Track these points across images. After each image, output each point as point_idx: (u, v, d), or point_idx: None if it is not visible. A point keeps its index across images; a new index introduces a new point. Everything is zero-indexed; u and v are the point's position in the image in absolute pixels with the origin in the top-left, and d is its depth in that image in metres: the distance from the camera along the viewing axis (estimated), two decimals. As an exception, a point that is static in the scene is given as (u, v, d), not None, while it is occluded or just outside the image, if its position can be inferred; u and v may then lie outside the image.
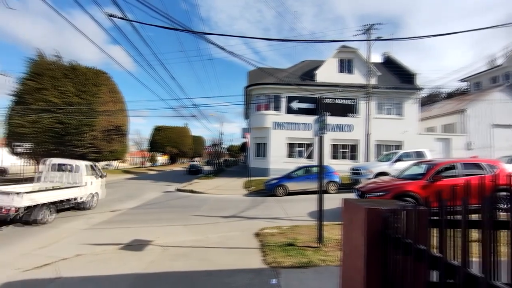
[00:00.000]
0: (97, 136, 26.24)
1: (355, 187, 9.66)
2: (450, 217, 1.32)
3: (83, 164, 12.42)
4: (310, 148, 22.94)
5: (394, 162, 14.29)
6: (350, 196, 12.80)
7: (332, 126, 21.49)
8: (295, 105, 6.10)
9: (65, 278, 4.89)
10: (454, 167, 8.30)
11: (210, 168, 36.57)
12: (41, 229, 8.75)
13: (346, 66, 23.68)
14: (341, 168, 18.28)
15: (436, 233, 1.40)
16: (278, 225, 8.16)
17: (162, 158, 74.14)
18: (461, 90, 36.36)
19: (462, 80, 31.92)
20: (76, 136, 24.80)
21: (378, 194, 8.34)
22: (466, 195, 1.24)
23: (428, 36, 17.23)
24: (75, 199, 11.23)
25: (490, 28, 9.50)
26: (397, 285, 1.58)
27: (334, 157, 22.75)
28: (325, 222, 6.08)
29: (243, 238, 6.99)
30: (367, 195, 8.54)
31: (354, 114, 6.31)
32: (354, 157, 22.88)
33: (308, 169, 15.59)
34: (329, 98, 6.34)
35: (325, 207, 6.01)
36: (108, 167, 45.38)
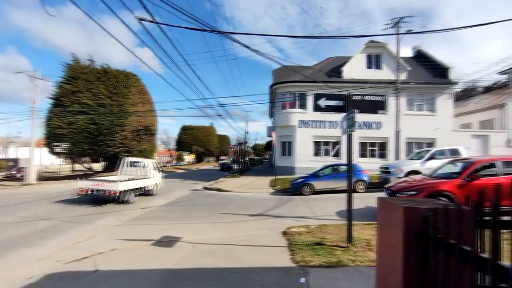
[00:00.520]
0: (127, 136, 27.29)
1: (385, 186, 9.35)
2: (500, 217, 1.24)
3: (150, 161, 16.18)
4: (337, 146, 22.53)
5: (427, 160, 13.69)
6: (380, 195, 12.45)
7: (359, 123, 20.97)
8: (323, 102, 6.00)
9: (102, 271, 5.13)
10: (493, 166, 7.81)
11: (236, 166, 37.00)
12: (78, 225, 9.23)
13: (374, 61, 22.99)
14: (369, 166, 17.82)
15: (481, 233, 1.32)
16: (305, 224, 8.09)
17: (188, 157, 75.84)
18: (500, 83, 34.11)
19: (502, 72, 29.90)
20: (108, 136, 25.94)
21: (410, 193, 8.03)
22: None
23: (462, 27, 16.22)
24: (146, 187, 14.78)
25: (534, 16, 8.84)
26: (439, 286, 1.50)
27: (362, 155, 22.20)
28: (354, 222, 5.95)
29: (270, 236, 6.99)
30: (398, 195, 8.25)
31: (384, 111, 6.10)
32: (383, 155, 22.20)
33: (335, 167, 15.32)
34: (358, 95, 6.18)
35: (353, 207, 5.88)
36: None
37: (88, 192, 12.62)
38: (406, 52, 26.71)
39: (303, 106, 22.91)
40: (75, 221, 9.65)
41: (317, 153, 23.07)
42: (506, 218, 1.22)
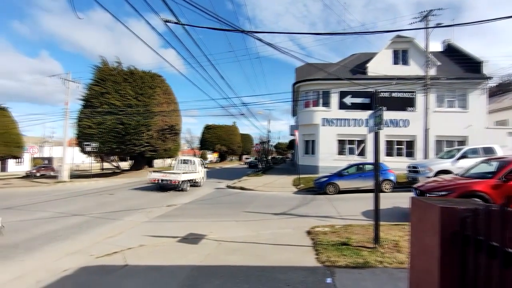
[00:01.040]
0: (153, 135, 28.07)
1: (414, 186, 9.03)
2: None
3: (197, 159, 20.52)
4: (362, 145, 22.02)
5: (458, 159, 13.07)
6: (407, 195, 12.05)
7: (386, 121, 20.38)
8: (349, 100, 5.88)
9: (131, 265, 5.31)
10: (532, 165, 7.33)
11: (259, 165, 37.17)
12: (109, 221, 9.61)
13: (401, 57, 22.23)
14: (396, 165, 17.28)
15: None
16: (330, 223, 7.97)
17: (211, 156, 76.85)
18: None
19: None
20: (134, 135, 26.81)
21: (440, 193, 7.69)
22: None
23: (497, 19, 15.27)
24: (195, 180, 18.82)
25: None
26: (479, 291, 1.43)
27: (389, 154, 21.57)
28: (381, 222, 5.79)
29: (295, 235, 6.95)
30: (427, 194, 7.94)
31: (413, 108, 5.90)
32: (410, 154, 21.46)
33: (360, 166, 14.98)
34: (385, 92, 6.01)
35: (380, 207, 5.71)
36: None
37: (157, 181, 16.67)
38: (435, 46, 25.63)
39: (327, 104, 22.56)
40: (106, 217, 10.07)
41: (341, 152, 22.65)
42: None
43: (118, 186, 19.83)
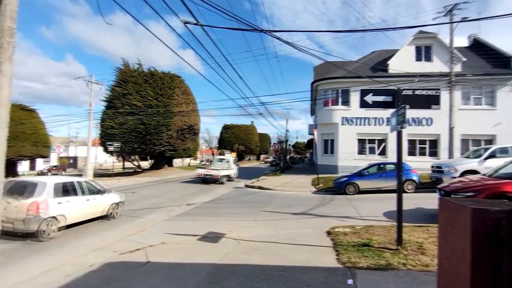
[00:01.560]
0: (172, 135, 28.56)
1: (438, 187, 8.71)
2: None
3: (232, 158, 24.95)
4: (383, 144, 21.51)
5: (485, 159, 12.49)
6: (431, 196, 11.66)
7: (408, 120, 19.80)
8: (370, 98, 5.76)
9: (153, 262, 5.43)
10: None
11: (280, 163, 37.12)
12: (131, 218, 9.88)
13: (424, 53, 21.51)
14: (419, 165, 16.77)
15: None
16: (351, 224, 7.84)
17: (230, 155, 77.23)
18: None
19: None
20: (155, 135, 27.38)
21: (467, 194, 7.37)
22: None
23: (529, 11, 14.56)
24: (229, 175, 22.12)
25: None
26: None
27: (411, 153, 20.95)
28: (403, 224, 5.63)
29: (314, 236, 6.88)
30: (453, 195, 7.65)
31: (438, 106, 5.68)
32: (434, 153, 20.76)
33: (381, 166, 14.64)
34: (407, 90, 5.84)
35: (402, 207, 5.56)
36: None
37: (202, 175, 20.80)
38: (461, 41, 24.62)
39: (346, 102, 22.17)
40: (128, 215, 10.34)
41: (361, 151, 22.22)
42: None
43: (140, 185, 20.33)
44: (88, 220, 8.85)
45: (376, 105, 5.79)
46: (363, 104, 5.85)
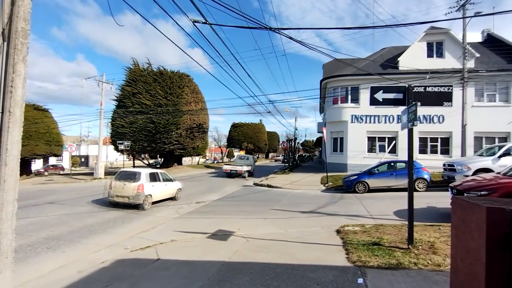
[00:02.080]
0: (181, 133, 28.77)
1: (450, 185, 8.55)
2: None
3: (251, 156, 28.17)
4: (393, 142, 21.23)
5: (500, 157, 12.22)
6: (442, 194, 11.47)
7: (419, 117, 19.49)
8: (380, 96, 5.68)
9: (163, 259, 5.49)
10: None
11: (287, 162, 37.00)
12: (142, 216, 10.00)
13: (435, 49, 21.11)
14: (430, 163, 16.54)
15: None
16: (360, 223, 7.78)
17: (238, 154, 77.53)
18: None
19: None
20: (164, 134, 27.62)
21: (480, 193, 7.23)
22: None
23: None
24: (249, 170, 25.46)
25: None
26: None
27: (422, 151, 20.64)
28: (414, 223, 5.55)
29: (324, 234, 6.85)
30: (466, 194, 7.50)
31: (450, 103, 5.57)
32: (446, 151, 20.40)
33: (391, 164, 14.45)
34: (418, 87, 5.74)
35: (414, 206, 5.48)
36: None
37: (228, 171, 24.81)
38: (474, 37, 24.11)
39: (356, 100, 21.97)
40: (139, 212, 10.48)
41: (371, 149, 21.99)
42: None
43: (150, 183, 20.55)
44: (100, 217, 9.01)
45: (386, 102, 5.71)
46: (373, 101, 5.77)
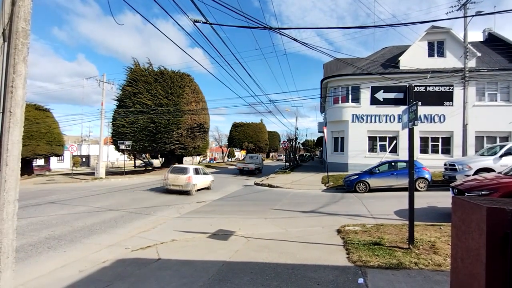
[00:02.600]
0: (182, 133, 28.75)
1: (452, 185, 8.54)
2: None
3: (260, 156, 31.19)
4: (394, 141, 21.21)
5: (501, 156, 12.20)
6: (443, 194, 11.46)
7: (420, 117, 19.46)
8: (380, 95, 5.67)
9: (164, 259, 5.50)
10: None
11: (287, 162, 37.02)
12: (143, 216, 10.01)
13: (436, 49, 21.08)
14: (431, 163, 16.54)
15: None
16: (361, 222, 7.77)
17: (239, 153, 77.60)
18: None
19: None
20: (165, 134, 27.61)
21: (481, 193, 7.22)
22: None
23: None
24: (259, 168, 28.61)
25: None
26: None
27: (423, 151, 20.62)
28: (415, 222, 5.55)
29: (324, 234, 6.85)
30: (467, 194, 7.49)
31: (451, 103, 5.56)
32: (447, 151, 20.38)
33: (392, 164, 14.44)
34: (419, 86, 5.73)
35: (415, 206, 5.47)
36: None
37: (241, 168, 28.10)
38: (475, 36, 24.01)
39: (357, 100, 21.95)
40: (140, 212, 10.49)
41: (371, 149, 21.98)
42: None
43: (151, 183, 20.57)
44: (102, 216, 9.02)
45: (387, 102, 5.70)
46: (374, 101, 5.76)
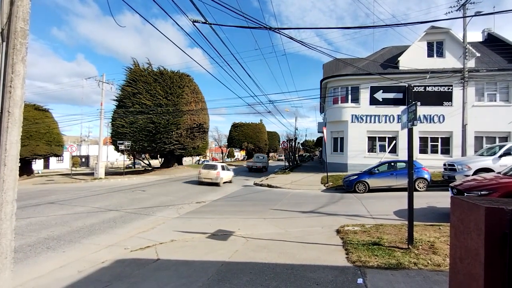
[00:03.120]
0: (182, 133, 28.74)
1: (451, 185, 8.55)
2: None
3: (266, 156, 35.99)
4: (393, 141, 21.23)
5: (500, 156, 12.21)
6: (442, 194, 11.47)
7: (419, 117, 19.49)
8: (380, 95, 5.68)
9: (163, 259, 5.49)
10: None
11: (286, 162, 37.06)
12: (142, 216, 10.00)
13: (435, 49, 21.11)
14: (430, 163, 16.55)
15: None
16: (360, 222, 7.77)
17: (239, 154, 77.59)
18: None
19: None
20: (164, 134, 27.59)
21: (481, 193, 7.21)
22: None
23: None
24: (265, 166, 32.36)
25: None
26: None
27: (423, 151, 20.64)
28: (415, 222, 5.55)
29: (324, 234, 6.84)
30: (466, 194, 7.49)
31: (450, 103, 5.56)
32: (446, 151, 20.40)
33: (392, 164, 14.45)
34: (419, 86, 5.73)
35: (414, 206, 5.47)
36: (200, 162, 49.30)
37: (250, 166, 31.92)
38: (474, 36, 24.04)
39: (356, 100, 21.97)
40: (139, 212, 10.48)
41: (371, 149, 21.99)
42: None
43: (150, 183, 20.57)
44: (101, 217, 9.00)
45: (386, 102, 5.71)
46: (373, 101, 5.77)
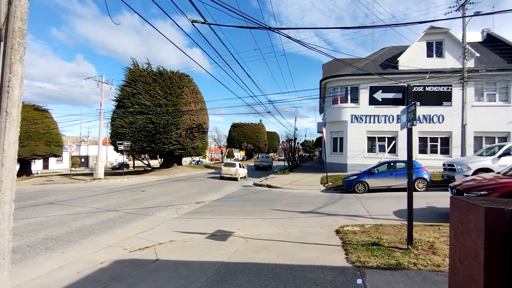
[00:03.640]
0: (181, 134, 28.72)
1: (450, 185, 8.55)
2: None
3: (270, 155, 44.99)
4: (393, 142, 21.23)
5: (500, 156, 12.22)
6: (442, 194, 11.47)
7: (419, 117, 19.51)
8: (379, 95, 5.66)
9: (162, 260, 5.48)
10: None
11: (286, 163, 37.19)
12: (141, 216, 9.99)
13: (435, 49, 21.12)
14: (430, 163, 16.54)
15: None
16: (360, 223, 7.76)
17: (238, 154, 77.54)
18: None
19: None
20: (164, 134, 27.58)
21: (480, 193, 7.21)
22: None
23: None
24: (270, 165, 36.33)
25: None
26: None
27: (422, 151, 20.65)
28: (414, 223, 5.54)
29: (323, 234, 6.83)
30: (466, 194, 7.48)
31: (450, 103, 5.56)
32: (446, 151, 20.41)
33: (391, 164, 14.45)
34: (418, 86, 5.72)
35: (413, 206, 5.46)
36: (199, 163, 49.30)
37: (257, 165, 35.49)
38: (474, 36, 24.12)
39: (356, 100, 21.97)
40: (138, 213, 10.46)
41: (371, 149, 22.00)
42: None
43: (149, 183, 20.55)
44: (100, 217, 9.00)
45: (385, 102, 5.69)
46: (372, 101, 5.75)
